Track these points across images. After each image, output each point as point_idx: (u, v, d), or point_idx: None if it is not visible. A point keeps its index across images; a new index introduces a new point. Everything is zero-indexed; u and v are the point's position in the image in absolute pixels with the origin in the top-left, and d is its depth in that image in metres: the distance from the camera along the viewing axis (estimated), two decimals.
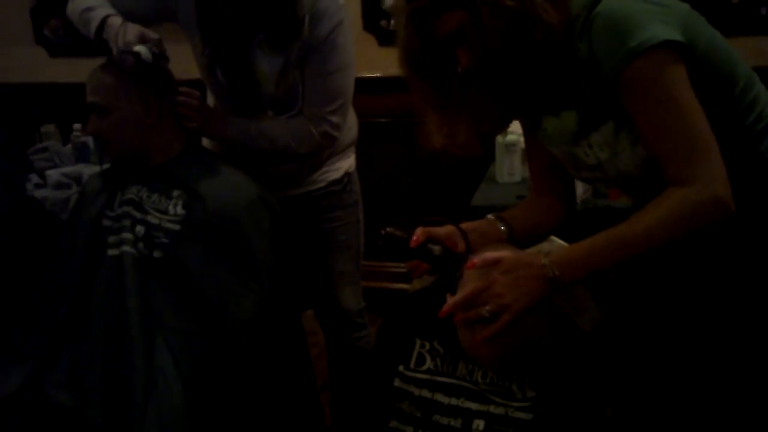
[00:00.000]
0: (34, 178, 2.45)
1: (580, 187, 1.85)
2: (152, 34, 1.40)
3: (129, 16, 1.50)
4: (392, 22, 2.73)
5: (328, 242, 1.73)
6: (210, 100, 1.69)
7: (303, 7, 1.44)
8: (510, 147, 2.09)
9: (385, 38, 2.65)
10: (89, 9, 1.48)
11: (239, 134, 1.54)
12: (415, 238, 1.06)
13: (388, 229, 1.07)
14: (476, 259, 1.00)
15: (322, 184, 1.70)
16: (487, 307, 0.97)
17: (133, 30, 1.39)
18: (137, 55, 1.35)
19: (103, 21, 1.44)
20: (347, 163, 1.75)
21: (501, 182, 2.13)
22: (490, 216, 1.19)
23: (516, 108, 1.11)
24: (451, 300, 1.00)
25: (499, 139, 2.10)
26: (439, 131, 1.11)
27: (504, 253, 1.00)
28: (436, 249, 1.06)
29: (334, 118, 1.55)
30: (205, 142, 1.68)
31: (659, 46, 0.92)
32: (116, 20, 1.44)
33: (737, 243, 1.02)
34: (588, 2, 0.98)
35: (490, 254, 1.00)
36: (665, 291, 1.14)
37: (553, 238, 1.24)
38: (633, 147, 1.02)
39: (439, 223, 1.09)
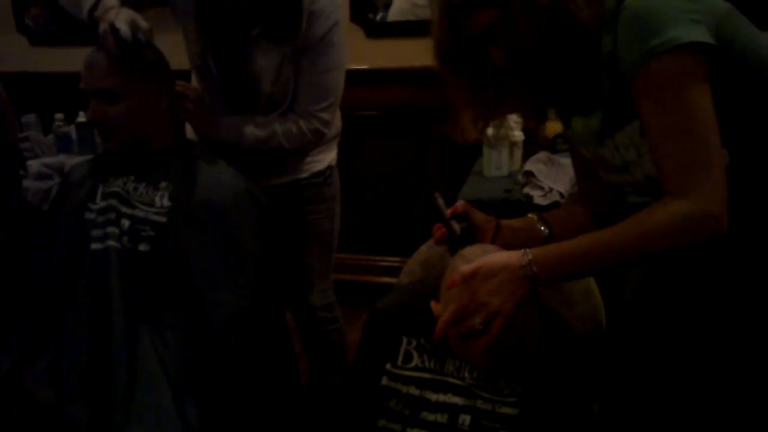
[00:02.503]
0: None
1: (568, 182, 1.85)
2: (143, 23, 1.36)
3: None
4: (380, 14, 2.72)
5: (302, 234, 1.73)
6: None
7: (303, 4, 1.44)
8: (497, 141, 2.08)
9: (372, 30, 2.63)
10: None
11: (231, 134, 1.53)
12: (451, 208, 1.12)
13: (436, 193, 1.16)
14: (455, 277, 0.99)
15: (304, 175, 1.70)
16: (477, 319, 0.96)
17: (126, 14, 1.35)
18: (117, 32, 1.31)
19: (98, 1, 1.40)
20: (330, 156, 1.75)
21: (488, 176, 2.11)
22: (531, 215, 1.20)
23: (548, 105, 1.10)
24: (440, 321, 0.99)
25: (487, 132, 2.08)
26: (473, 125, 1.11)
27: (479, 261, 0.98)
28: (457, 226, 1.11)
29: (325, 116, 1.56)
30: (191, 134, 1.66)
31: (681, 49, 0.88)
32: (111, 2, 1.40)
33: (747, 251, 1.00)
34: None
35: (466, 267, 0.98)
36: (657, 290, 1.13)
37: None
38: None
39: (485, 210, 1.14)
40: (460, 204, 1.13)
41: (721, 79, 0.92)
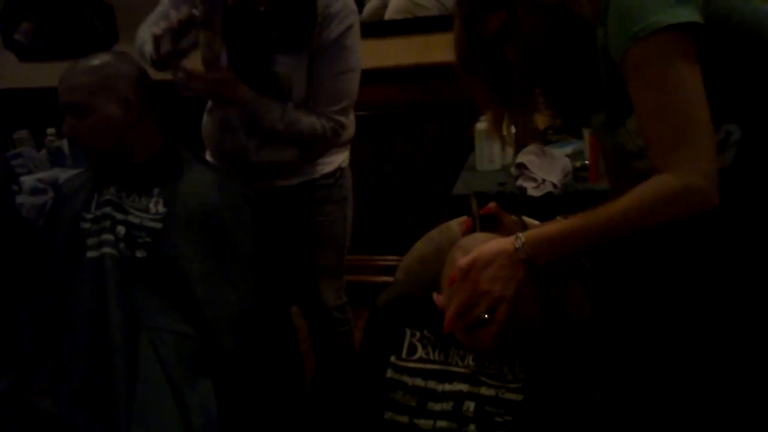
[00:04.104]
0: None
1: (560, 172, 1.86)
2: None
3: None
4: (368, 15, 2.72)
5: (313, 235, 1.74)
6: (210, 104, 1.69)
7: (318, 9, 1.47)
8: (489, 135, 2.09)
9: (362, 31, 2.63)
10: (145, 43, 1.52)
11: (260, 105, 1.52)
12: (484, 209, 1.17)
13: (472, 195, 1.21)
14: (454, 272, 1.00)
15: (314, 176, 1.70)
16: (482, 308, 0.97)
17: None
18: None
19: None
20: (341, 157, 1.76)
21: (481, 170, 2.13)
22: (559, 217, 1.21)
23: (565, 102, 1.13)
24: (446, 317, 1.01)
25: (478, 127, 2.10)
26: (497, 124, 1.18)
27: (474, 252, 0.99)
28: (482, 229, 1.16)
29: (341, 118, 1.58)
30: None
31: (664, 30, 0.90)
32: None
33: (748, 233, 1.01)
34: None
35: (463, 260, 0.99)
36: (657, 277, 1.14)
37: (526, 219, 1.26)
38: None
39: (486, 202, 1.20)
40: (492, 205, 1.17)
41: (722, 53, 0.93)
